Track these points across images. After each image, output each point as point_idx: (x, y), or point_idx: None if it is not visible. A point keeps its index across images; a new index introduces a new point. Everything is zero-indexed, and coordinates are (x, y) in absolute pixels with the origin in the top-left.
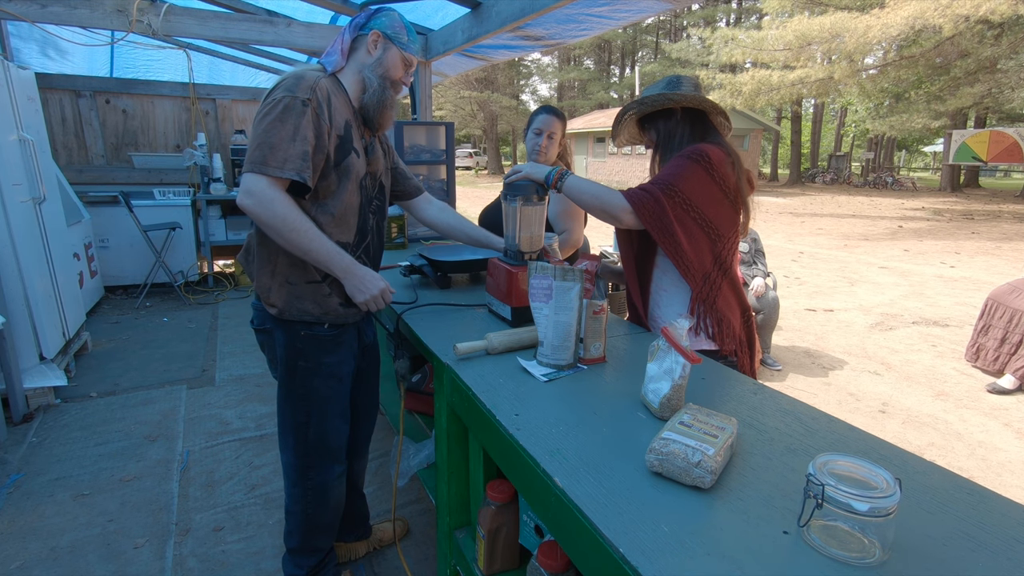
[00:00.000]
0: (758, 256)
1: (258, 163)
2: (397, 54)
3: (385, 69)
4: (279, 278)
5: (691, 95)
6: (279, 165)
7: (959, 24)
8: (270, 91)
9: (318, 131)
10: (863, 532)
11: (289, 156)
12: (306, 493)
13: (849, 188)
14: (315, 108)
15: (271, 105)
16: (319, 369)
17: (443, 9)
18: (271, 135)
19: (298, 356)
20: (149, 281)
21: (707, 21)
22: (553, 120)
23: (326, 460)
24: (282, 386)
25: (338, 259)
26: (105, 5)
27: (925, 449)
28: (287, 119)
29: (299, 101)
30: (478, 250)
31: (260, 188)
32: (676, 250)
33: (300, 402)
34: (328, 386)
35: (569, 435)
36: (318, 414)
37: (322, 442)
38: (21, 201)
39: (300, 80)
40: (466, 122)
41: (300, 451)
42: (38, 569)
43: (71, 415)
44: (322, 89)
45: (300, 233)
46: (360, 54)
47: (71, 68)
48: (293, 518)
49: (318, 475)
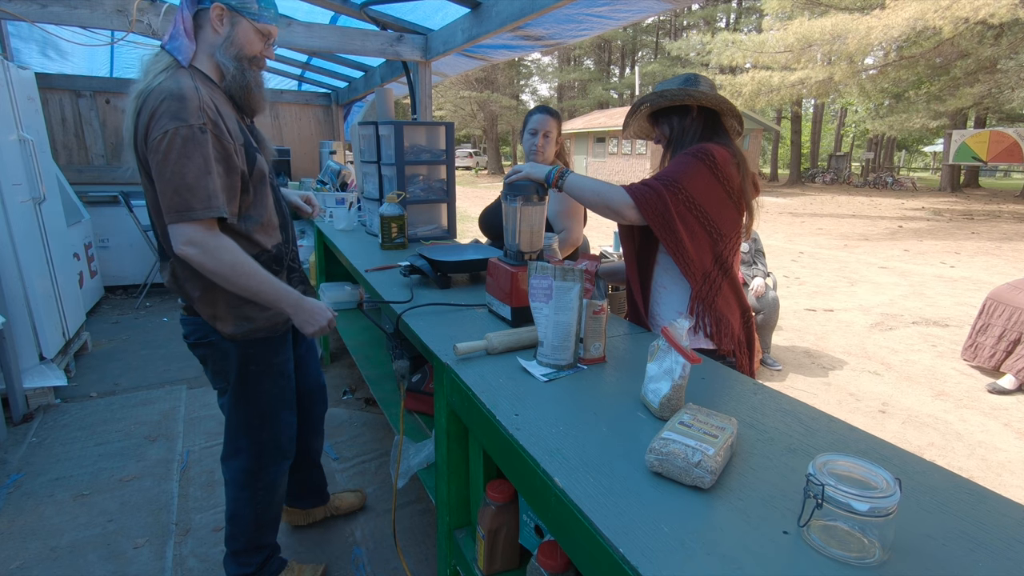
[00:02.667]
0: (758, 256)
1: (183, 210)
2: (248, 27)
3: (239, 48)
4: (222, 305)
5: (711, 94)
6: (204, 205)
7: (959, 25)
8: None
9: (224, 153)
10: (863, 532)
11: (211, 192)
12: (255, 495)
13: (849, 188)
14: (213, 131)
15: (167, 141)
16: (269, 370)
17: (443, 9)
18: (183, 176)
19: (249, 361)
20: (149, 281)
21: (707, 21)
22: (548, 119)
23: (278, 458)
24: (233, 393)
25: (286, 296)
26: (105, 5)
27: (925, 449)
28: (191, 153)
29: (195, 129)
30: (479, 250)
31: (201, 237)
32: (677, 246)
33: (253, 405)
34: (278, 385)
35: (569, 435)
36: (271, 413)
37: (275, 440)
38: (21, 201)
39: (182, 102)
40: (466, 122)
41: (254, 453)
42: (38, 569)
43: (71, 415)
44: (207, 104)
45: (249, 277)
46: (207, 33)
47: (71, 68)
48: (240, 521)
49: (268, 475)
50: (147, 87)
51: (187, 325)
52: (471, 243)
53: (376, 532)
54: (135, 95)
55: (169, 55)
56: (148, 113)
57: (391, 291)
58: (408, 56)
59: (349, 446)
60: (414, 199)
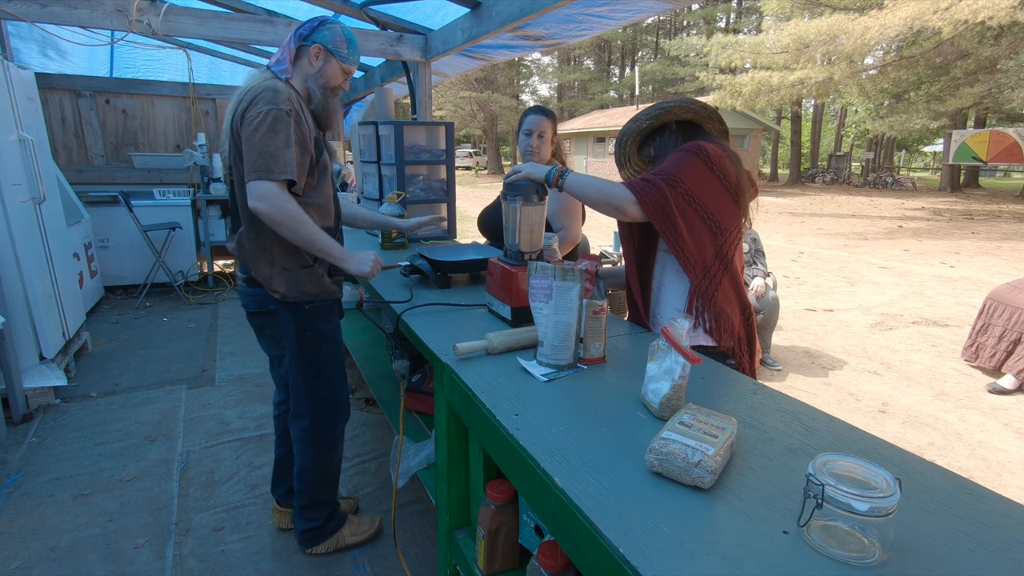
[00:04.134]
0: (758, 256)
1: (263, 171)
2: (336, 66)
3: (326, 80)
4: (277, 267)
5: (682, 102)
6: (281, 169)
7: (958, 27)
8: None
9: (302, 136)
10: (863, 532)
11: (287, 161)
12: (320, 450)
13: (849, 188)
14: (296, 117)
15: (260, 118)
16: (323, 335)
17: (443, 9)
18: (268, 144)
19: (305, 328)
20: (149, 281)
21: (707, 21)
22: (542, 120)
23: (336, 417)
24: (293, 357)
25: (337, 247)
26: (105, 5)
27: (925, 449)
28: (278, 129)
29: (284, 112)
30: (479, 250)
31: (270, 192)
32: (677, 240)
33: (311, 368)
34: (332, 349)
35: (569, 435)
36: (327, 375)
37: (333, 400)
38: (21, 201)
39: (277, 93)
40: (466, 122)
41: (316, 412)
42: (38, 569)
43: (71, 415)
44: (295, 100)
45: (307, 226)
46: (303, 63)
47: (71, 68)
48: (307, 476)
49: (330, 431)
50: (250, 86)
51: (246, 296)
52: (471, 243)
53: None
54: (239, 93)
55: (271, 72)
56: (248, 101)
57: (391, 291)
58: (408, 56)
59: (349, 446)
60: (414, 199)
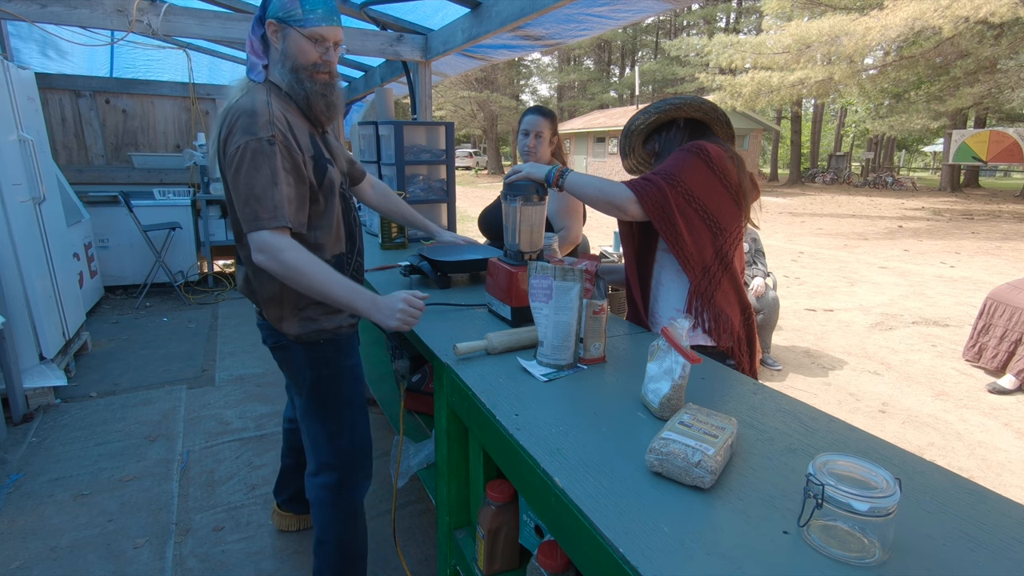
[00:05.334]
0: (758, 256)
1: (251, 220)
2: (296, 36)
3: (293, 59)
4: (288, 307)
5: (693, 100)
6: (271, 215)
7: (959, 25)
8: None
9: (293, 163)
10: (863, 532)
11: (276, 203)
12: (341, 515)
13: (849, 188)
14: (282, 142)
15: (239, 155)
16: (342, 374)
17: (443, 9)
18: (253, 186)
19: (322, 366)
20: (149, 281)
21: (707, 21)
22: (540, 120)
23: (358, 474)
24: (308, 402)
25: (360, 296)
26: (105, 5)
27: (925, 449)
28: (260, 165)
29: (264, 142)
30: (478, 250)
31: (268, 244)
32: (676, 240)
33: (330, 412)
34: (353, 389)
35: (569, 435)
36: (349, 420)
37: (354, 452)
38: (21, 201)
39: (254, 117)
40: (466, 122)
41: (334, 465)
42: (38, 569)
43: (71, 415)
44: (278, 117)
45: (315, 277)
46: (272, 49)
47: (71, 68)
48: (326, 551)
49: (351, 493)
50: (227, 107)
51: (263, 329)
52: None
53: (376, 532)
54: (219, 115)
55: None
56: (227, 130)
57: (391, 291)
58: (408, 56)
59: None
60: (414, 199)
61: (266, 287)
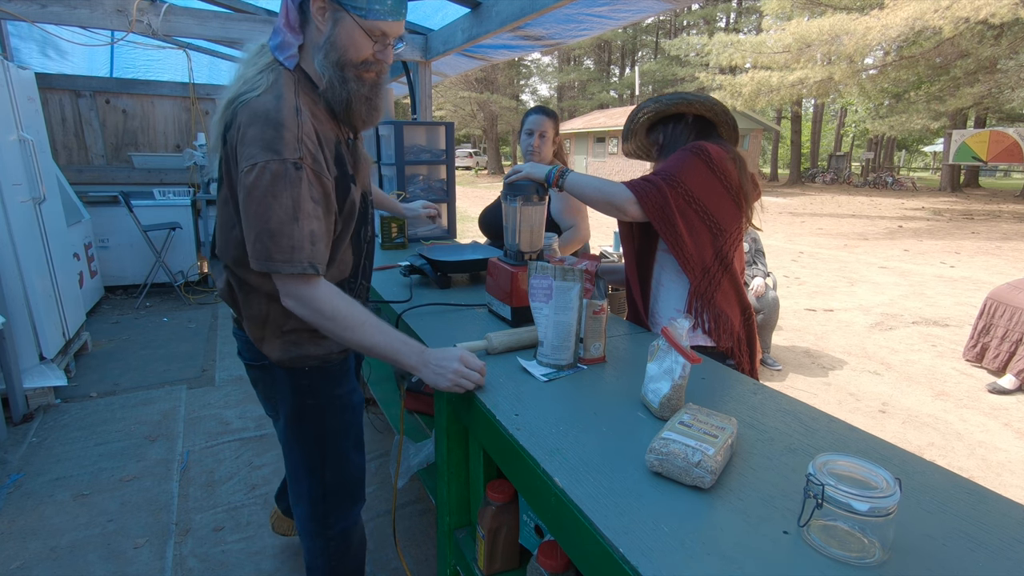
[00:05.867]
0: (758, 256)
1: (263, 259)
2: (353, 26)
3: (341, 52)
4: (272, 327)
5: (707, 100)
6: (286, 258)
7: (959, 25)
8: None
9: (323, 193)
10: (863, 532)
11: (296, 243)
12: (328, 544)
13: (849, 188)
14: (311, 167)
15: (255, 175)
16: (331, 404)
17: (443, 9)
18: (267, 219)
19: (306, 395)
20: (149, 281)
21: (707, 21)
22: (543, 119)
23: (346, 503)
24: (288, 430)
25: (407, 350)
26: (105, 5)
27: (925, 449)
28: (280, 193)
29: (289, 165)
30: (478, 250)
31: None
32: (676, 241)
33: (313, 445)
34: (343, 420)
35: (569, 435)
36: (334, 454)
37: (341, 484)
38: (21, 201)
39: (279, 130)
40: (466, 122)
41: (317, 498)
42: (38, 569)
43: (71, 415)
44: (308, 132)
45: (356, 329)
46: (311, 29)
47: (71, 68)
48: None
49: (339, 522)
50: (239, 95)
51: (239, 340)
52: (471, 243)
53: (376, 532)
54: (226, 102)
55: (274, 58)
56: (239, 131)
57: (391, 291)
58: (408, 56)
59: None
60: (414, 199)
61: (251, 305)
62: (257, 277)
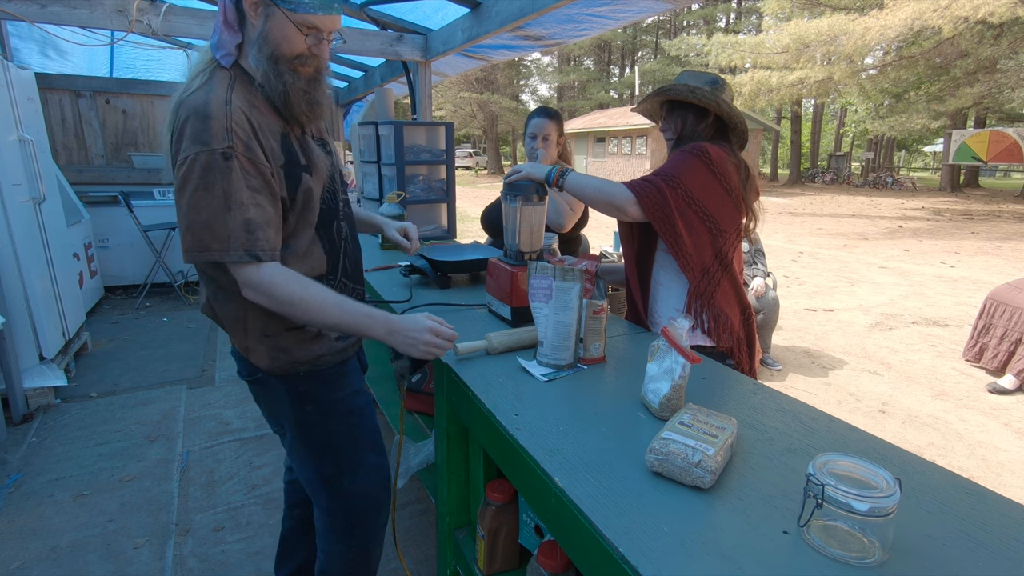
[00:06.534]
0: (758, 256)
1: (198, 250)
2: (283, 20)
3: (273, 46)
4: (254, 334)
5: (737, 112)
6: (223, 247)
7: (958, 25)
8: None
9: (262, 180)
10: (863, 532)
11: (231, 232)
12: (349, 551)
13: (849, 188)
14: (242, 154)
15: (186, 168)
16: (332, 409)
17: (443, 9)
18: (200, 211)
19: (304, 401)
20: (149, 281)
21: (707, 21)
22: (546, 123)
23: (371, 511)
24: (295, 441)
25: (374, 322)
26: (105, 5)
27: (925, 449)
28: (212, 185)
29: (218, 155)
30: (479, 250)
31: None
32: (676, 241)
33: (324, 452)
34: (348, 423)
35: (569, 435)
36: (347, 460)
37: (363, 490)
38: (21, 201)
39: (206, 122)
40: (466, 122)
41: (341, 509)
42: (38, 569)
43: (71, 415)
44: (237, 121)
45: (316, 311)
46: (248, 25)
47: (71, 68)
48: None
49: (364, 532)
50: (180, 97)
51: (237, 360)
52: (471, 243)
53: None
54: (172, 105)
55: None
56: (177, 132)
57: (391, 291)
58: (408, 56)
59: None
60: (414, 199)
61: (227, 310)
62: (228, 279)
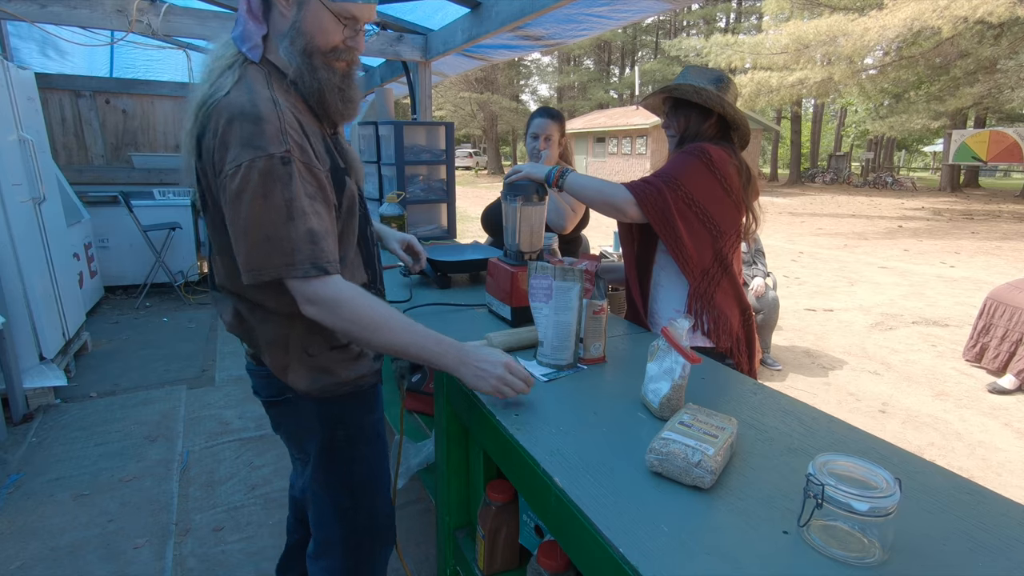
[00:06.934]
0: (758, 256)
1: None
2: (319, 9)
3: (308, 38)
4: (295, 352)
5: (741, 114)
6: (287, 262)
7: (958, 25)
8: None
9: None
10: (863, 532)
11: (296, 244)
12: None
13: (849, 188)
14: (300, 159)
15: (241, 176)
16: (362, 433)
17: (443, 9)
18: (261, 223)
19: (337, 425)
20: (149, 281)
21: (706, 21)
22: (547, 123)
23: (377, 547)
24: (317, 467)
25: (445, 350)
26: (105, 5)
27: (925, 449)
28: (271, 193)
29: (276, 160)
30: (479, 250)
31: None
32: (676, 243)
33: (343, 484)
34: (374, 449)
35: (569, 435)
36: (367, 490)
37: (371, 523)
38: (21, 201)
39: (259, 124)
40: (466, 122)
41: (349, 545)
42: (38, 569)
43: (71, 415)
44: (290, 121)
45: (381, 330)
46: (275, 15)
47: (71, 68)
48: None
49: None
50: (209, 96)
51: (256, 378)
52: (471, 243)
53: None
54: (195, 106)
55: (235, 46)
56: (216, 134)
57: (391, 291)
58: (408, 56)
59: None
60: (414, 199)
61: (268, 329)
62: (274, 298)
